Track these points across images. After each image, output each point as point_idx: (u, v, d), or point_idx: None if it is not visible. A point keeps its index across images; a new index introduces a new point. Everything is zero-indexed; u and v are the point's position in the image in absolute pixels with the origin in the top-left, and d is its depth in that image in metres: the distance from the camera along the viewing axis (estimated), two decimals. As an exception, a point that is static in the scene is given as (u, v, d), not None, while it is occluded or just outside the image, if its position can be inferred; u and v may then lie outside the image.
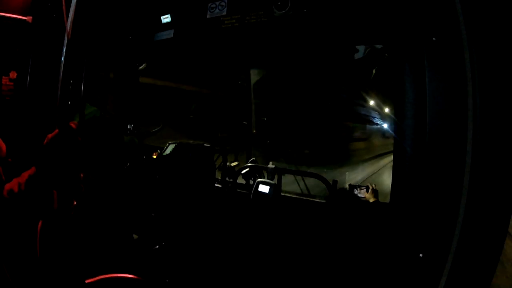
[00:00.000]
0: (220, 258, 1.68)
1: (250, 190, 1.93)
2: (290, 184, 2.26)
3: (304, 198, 1.93)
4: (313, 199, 1.89)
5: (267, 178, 1.97)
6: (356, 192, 1.70)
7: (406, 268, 0.90)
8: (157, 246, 1.72)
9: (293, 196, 1.95)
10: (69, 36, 1.29)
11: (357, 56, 1.62)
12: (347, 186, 1.88)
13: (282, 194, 1.90)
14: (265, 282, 1.56)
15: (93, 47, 1.58)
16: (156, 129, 2.32)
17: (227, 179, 2.20)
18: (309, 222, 1.65)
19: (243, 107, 2.79)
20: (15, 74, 1.47)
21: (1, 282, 0.76)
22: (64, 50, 1.41)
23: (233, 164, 2.41)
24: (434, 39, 0.86)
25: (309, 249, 1.49)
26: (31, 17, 1.46)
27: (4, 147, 0.84)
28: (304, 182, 2.36)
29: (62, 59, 1.41)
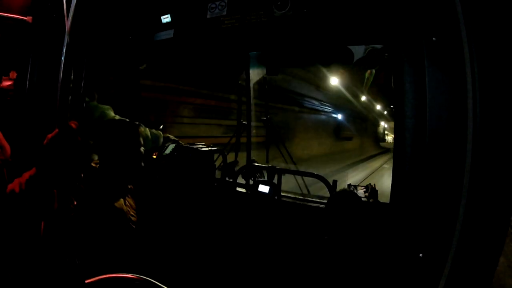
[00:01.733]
0: (220, 258, 1.68)
1: (250, 190, 1.94)
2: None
3: (304, 197, 1.93)
4: (313, 199, 1.89)
5: (267, 178, 1.97)
6: (355, 192, 1.70)
7: (406, 268, 0.90)
8: (157, 246, 1.72)
9: (293, 196, 1.95)
10: (69, 36, 1.30)
11: (358, 56, 1.62)
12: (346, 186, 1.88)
13: (282, 194, 1.91)
14: (266, 282, 1.56)
15: (93, 47, 1.58)
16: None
17: (227, 179, 2.20)
18: (309, 222, 1.65)
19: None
20: (15, 74, 1.47)
21: (2, 282, 0.76)
22: (64, 50, 1.41)
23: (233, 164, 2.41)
24: (434, 39, 0.86)
25: (309, 249, 1.49)
26: (31, 17, 1.46)
27: (8, 148, 0.85)
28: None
29: (62, 59, 1.41)
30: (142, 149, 1.38)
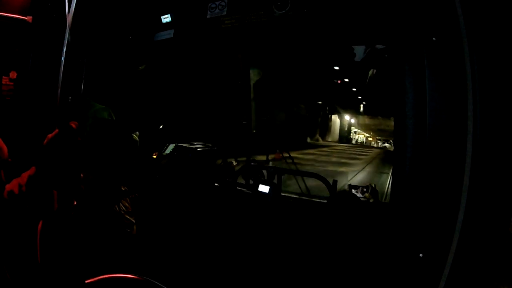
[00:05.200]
0: (220, 258, 1.68)
1: (250, 190, 1.93)
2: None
3: (304, 198, 1.93)
4: (313, 199, 1.89)
5: (267, 178, 1.97)
6: (355, 192, 1.70)
7: (406, 268, 0.90)
8: (158, 246, 1.72)
9: (293, 196, 1.95)
10: (69, 36, 1.30)
11: (358, 57, 1.62)
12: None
13: (282, 194, 1.90)
14: (265, 282, 1.56)
15: (93, 47, 1.58)
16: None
17: (227, 179, 2.20)
18: (309, 222, 1.65)
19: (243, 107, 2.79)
20: (15, 74, 1.47)
21: (1, 283, 0.76)
22: (64, 50, 1.41)
23: (233, 163, 2.40)
24: (434, 39, 0.86)
25: (309, 249, 1.49)
26: (31, 17, 1.46)
27: (5, 149, 0.84)
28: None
29: (62, 59, 1.41)
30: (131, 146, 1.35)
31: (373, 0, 1.19)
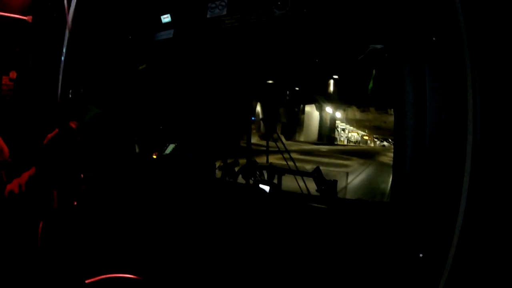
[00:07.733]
0: (220, 258, 1.68)
1: (250, 190, 1.94)
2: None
3: (304, 198, 1.93)
4: (314, 199, 1.89)
5: (267, 178, 1.97)
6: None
7: (406, 268, 0.90)
8: (157, 246, 1.72)
9: (293, 196, 1.95)
10: (69, 36, 1.30)
11: (358, 56, 1.62)
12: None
13: (282, 194, 1.91)
14: (265, 282, 1.56)
15: (93, 47, 1.58)
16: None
17: (227, 179, 2.20)
18: (309, 222, 1.65)
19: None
20: (15, 74, 1.47)
21: (1, 283, 0.76)
22: (64, 50, 1.41)
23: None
24: (434, 39, 0.87)
25: (309, 249, 1.49)
26: (31, 17, 1.46)
27: (7, 150, 0.85)
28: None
29: (62, 59, 1.41)
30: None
31: (373, 0, 1.19)
